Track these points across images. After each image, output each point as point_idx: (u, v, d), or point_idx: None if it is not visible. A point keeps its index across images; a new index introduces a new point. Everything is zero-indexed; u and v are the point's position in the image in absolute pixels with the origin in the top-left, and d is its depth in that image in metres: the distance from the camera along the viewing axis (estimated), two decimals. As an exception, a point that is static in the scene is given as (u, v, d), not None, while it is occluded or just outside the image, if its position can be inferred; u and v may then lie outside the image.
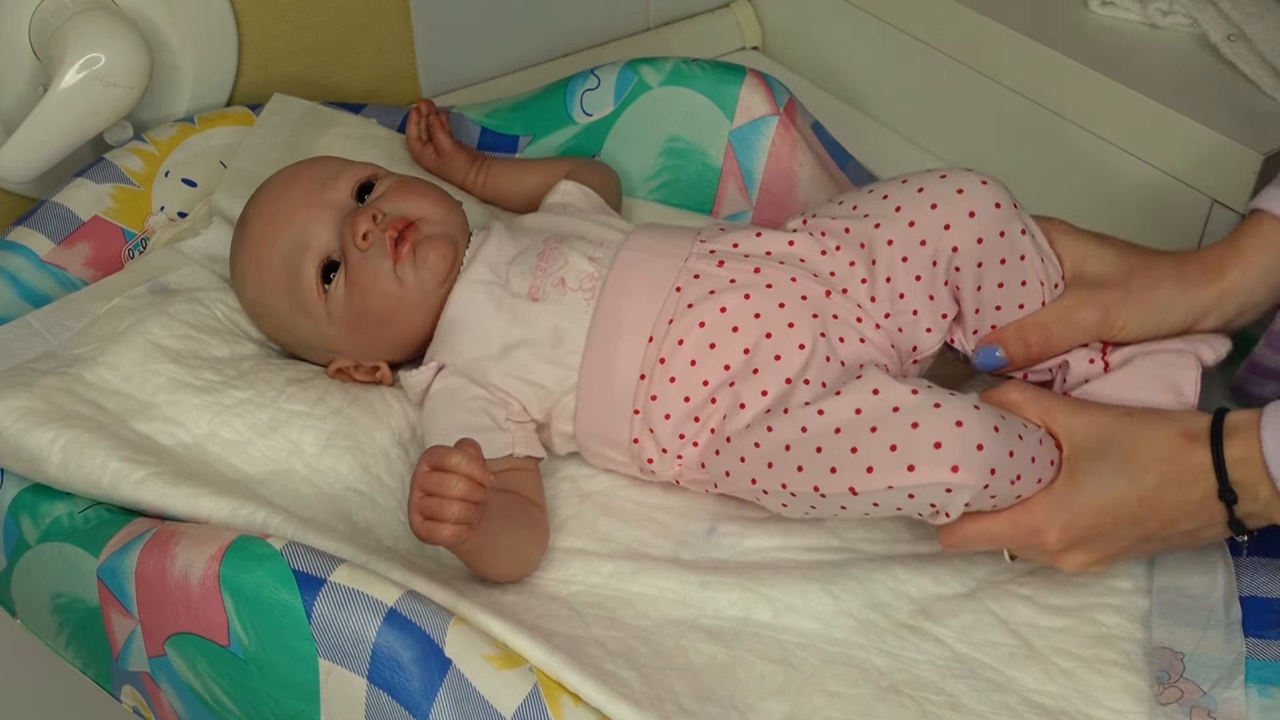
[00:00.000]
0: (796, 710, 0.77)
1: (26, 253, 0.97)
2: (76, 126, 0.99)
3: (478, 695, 0.70)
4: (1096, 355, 0.87)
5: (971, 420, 0.76)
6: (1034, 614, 0.83)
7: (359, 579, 0.72)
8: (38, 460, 0.81)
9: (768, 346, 0.84)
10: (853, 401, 0.79)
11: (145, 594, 0.76)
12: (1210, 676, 0.78)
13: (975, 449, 0.75)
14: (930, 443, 0.76)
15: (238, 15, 1.11)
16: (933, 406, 0.77)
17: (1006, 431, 0.77)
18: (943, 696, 0.79)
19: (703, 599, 0.84)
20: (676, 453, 0.87)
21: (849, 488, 0.79)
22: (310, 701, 0.73)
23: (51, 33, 0.99)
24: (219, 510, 0.79)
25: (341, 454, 0.88)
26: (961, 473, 0.75)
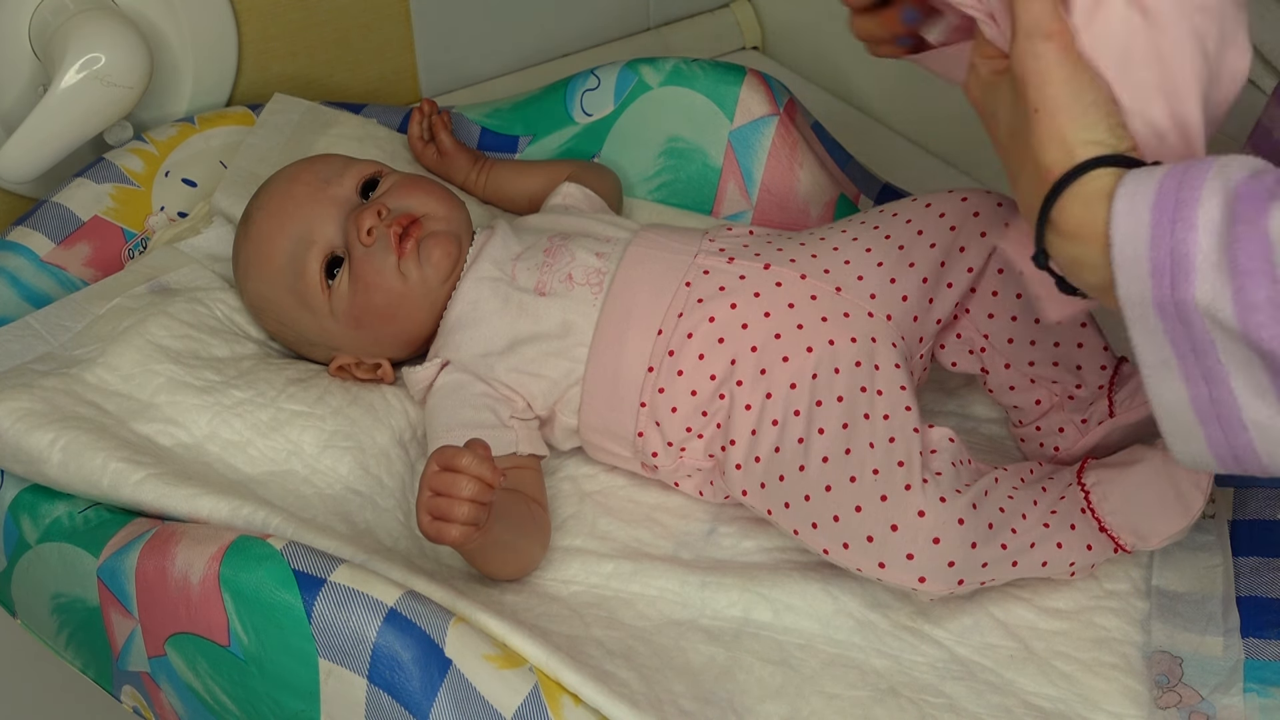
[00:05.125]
0: (795, 712, 0.77)
1: (26, 253, 0.97)
2: (76, 126, 0.99)
3: (478, 695, 0.70)
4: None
5: (950, 537, 0.78)
6: (1033, 616, 0.83)
7: (359, 579, 0.72)
8: (37, 461, 0.81)
9: (775, 348, 0.84)
10: (853, 467, 0.80)
11: (145, 594, 0.76)
12: (1209, 682, 0.77)
13: (946, 565, 0.78)
14: (903, 553, 0.78)
15: (238, 15, 1.11)
16: (916, 515, 0.78)
17: (989, 541, 0.79)
18: (941, 699, 0.79)
19: (702, 599, 0.84)
20: (680, 446, 0.87)
21: (823, 549, 0.81)
22: (310, 702, 0.73)
23: (51, 33, 0.99)
24: (218, 510, 0.79)
25: (342, 454, 0.88)
26: (928, 584, 0.78)
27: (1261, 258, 0.55)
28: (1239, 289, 0.55)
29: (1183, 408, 0.60)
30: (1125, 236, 0.58)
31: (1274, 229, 0.55)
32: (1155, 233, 0.57)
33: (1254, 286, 0.55)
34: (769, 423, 0.83)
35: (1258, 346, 0.55)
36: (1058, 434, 0.90)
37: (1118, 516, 0.82)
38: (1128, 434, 0.90)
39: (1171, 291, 0.57)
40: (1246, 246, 0.55)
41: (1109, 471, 0.83)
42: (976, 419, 0.98)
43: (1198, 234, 0.56)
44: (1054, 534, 0.81)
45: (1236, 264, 0.55)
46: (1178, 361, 0.59)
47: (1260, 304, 0.55)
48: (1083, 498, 0.83)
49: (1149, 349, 0.59)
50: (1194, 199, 0.57)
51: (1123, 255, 0.58)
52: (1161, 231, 0.57)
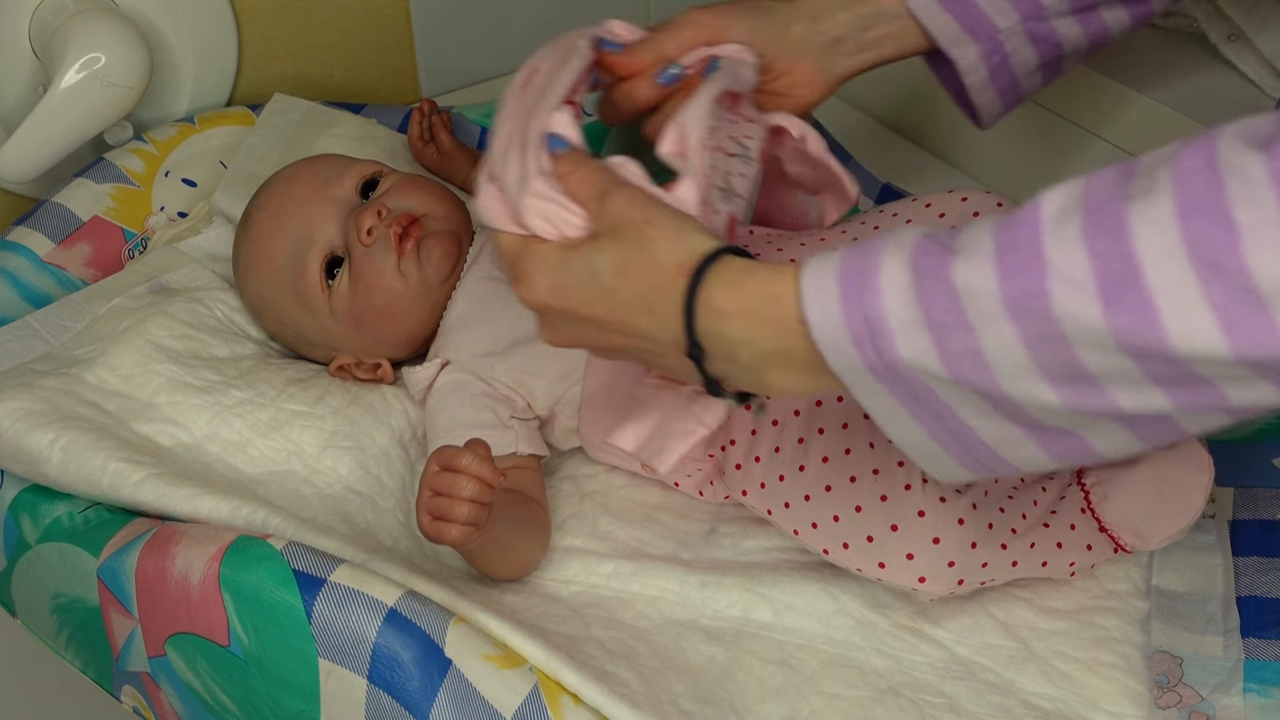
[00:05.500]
0: (795, 712, 0.77)
1: (27, 253, 0.97)
2: (76, 126, 0.99)
3: (478, 695, 0.70)
4: None
5: (950, 537, 0.78)
6: (1033, 616, 0.83)
7: (359, 579, 0.72)
8: (37, 461, 0.81)
9: None
10: (853, 467, 0.80)
11: (145, 594, 0.76)
12: (1209, 682, 0.77)
13: (946, 566, 0.78)
14: (903, 553, 0.78)
15: (238, 15, 1.11)
16: (917, 515, 0.78)
17: (989, 541, 0.79)
18: (941, 699, 0.79)
19: (702, 599, 0.84)
20: None
21: (823, 549, 0.81)
22: (310, 702, 0.73)
23: (51, 32, 0.98)
24: (218, 510, 0.79)
25: (342, 454, 0.88)
26: (928, 584, 0.78)
27: (953, 310, 0.57)
28: (938, 341, 0.57)
29: (923, 441, 0.62)
30: (819, 315, 0.60)
31: (959, 279, 0.56)
32: (846, 305, 0.59)
33: (952, 338, 0.57)
34: (769, 423, 0.83)
35: (971, 388, 0.58)
36: None
37: (1118, 516, 0.82)
38: None
39: (877, 355, 0.59)
40: (937, 300, 0.57)
41: (1109, 471, 0.83)
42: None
43: (884, 298, 0.58)
44: (1054, 534, 0.81)
45: (931, 318, 0.57)
46: (905, 409, 0.61)
47: (962, 353, 0.57)
48: (1082, 498, 0.83)
49: (875, 404, 0.61)
50: (875, 266, 0.59)
51: (822, 332, 0.60)
52: (851, 303, 0.59)
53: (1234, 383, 0.54)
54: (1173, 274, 0.52)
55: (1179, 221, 0.52)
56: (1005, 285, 0.55)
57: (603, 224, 0.68)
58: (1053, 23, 0.87)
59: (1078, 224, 0.54)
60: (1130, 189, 0.54)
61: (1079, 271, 0.54)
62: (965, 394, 0.58)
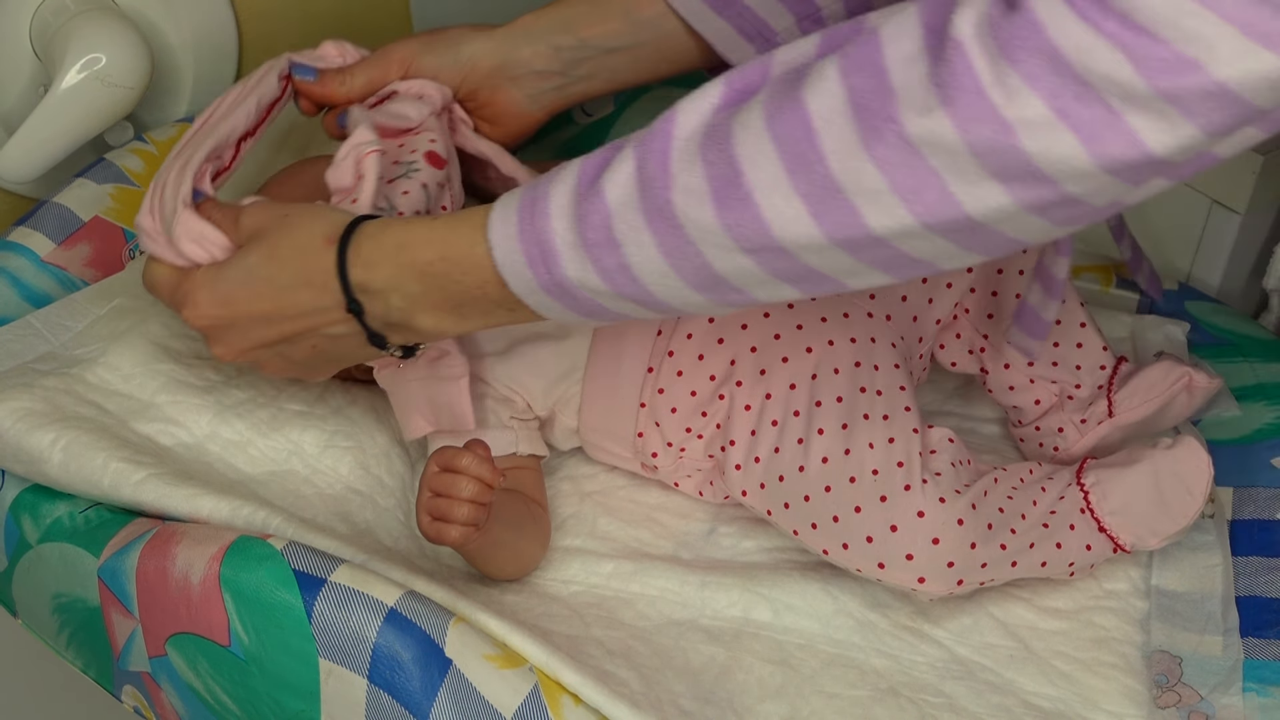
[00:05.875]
0: (795, 712, 0.77)
1: (27, 253, 0.97)
2: (77, 127, 0.99)
3: (478, 695, 0.70)
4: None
5: (949, 537, 0.78)
6: (1033, 616, 0.83)
7: (359, 579, 0.72)
8: (38, 461, 0.81)
9: (774, 348, 0.84)
10: (852, 467, 0.80)
11: (146, 594, 0.76)
12: (1208, 682, 0.78)
13: (945, 566, 0.78)
14: (903, 553, 0.78)
15: (238, 15, 1.11)
16: (916, 515, 0.78)
17: (988, 542, 0.79)
18: (941, 698, 0.79)
19: (702, 599, 0.84)
20: (680, 446, 0.87)
21: (822, 549, 0.81)
22: (310, 701, 0.73)
23: (52, 33, 0.98)
24: (219, 510, 0.79)
25: (342, 454, 0.88)
26: (928, 584, 0.78)
27: (603, 227, 0.63)
28: (596, 259, 0.63)
29: None
30: (500, 238, 0.66)
31: (611, 195, 0.62)
32: (522, 229, 0.65)
33: (606, 255, 0.63)
34: (768, 423, 0.83)
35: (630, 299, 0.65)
36: (1057, 434, 0.90)
37: (1117, 517, 0.82)
38: (1128, 434, 0.90)
39: (549, 275, 0.65)
40: (591, 220, 0.63)
41: (1108, 471, 0.83)
42: (976, 419, 0.99)
43: (551, 221, 0.64)
44: (1053, 534, 0.81)
45: (585, 238, 0.63)
46: (586, 318, 0.68)
47: (615, 268, 0.63)
48: (1082, 498, 0.83)
49: (557, 316, 0.68)
50: (547, 193, 0.65)
51: (503, 255, 0.66)
52: (526, 226, 0.65)
53: (844, 272, 0.60)
54: (767, 170, 0.58)
55: (767, 124, 0.58)
56: (642, 199, 0.61)
57: (244, 236, 0.75)
58: (828, 25, 0.87)
59: (698, 139, 0.60)
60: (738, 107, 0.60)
61: (696, 180, 0.60)
62: (629, 304, 0.65)
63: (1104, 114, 0.51)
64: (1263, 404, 0.92)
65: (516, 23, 0.89)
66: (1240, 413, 0.92)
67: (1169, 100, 0.50)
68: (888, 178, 0.56)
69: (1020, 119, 0.52)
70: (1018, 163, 0.53)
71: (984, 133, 0.53)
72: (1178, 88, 0.50)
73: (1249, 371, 0.95)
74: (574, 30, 0.88)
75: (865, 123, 0.56)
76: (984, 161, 0.54)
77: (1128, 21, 0.50)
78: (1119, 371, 0.90)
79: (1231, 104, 0.50)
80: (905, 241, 0.58)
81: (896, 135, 0.55)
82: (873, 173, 0.56)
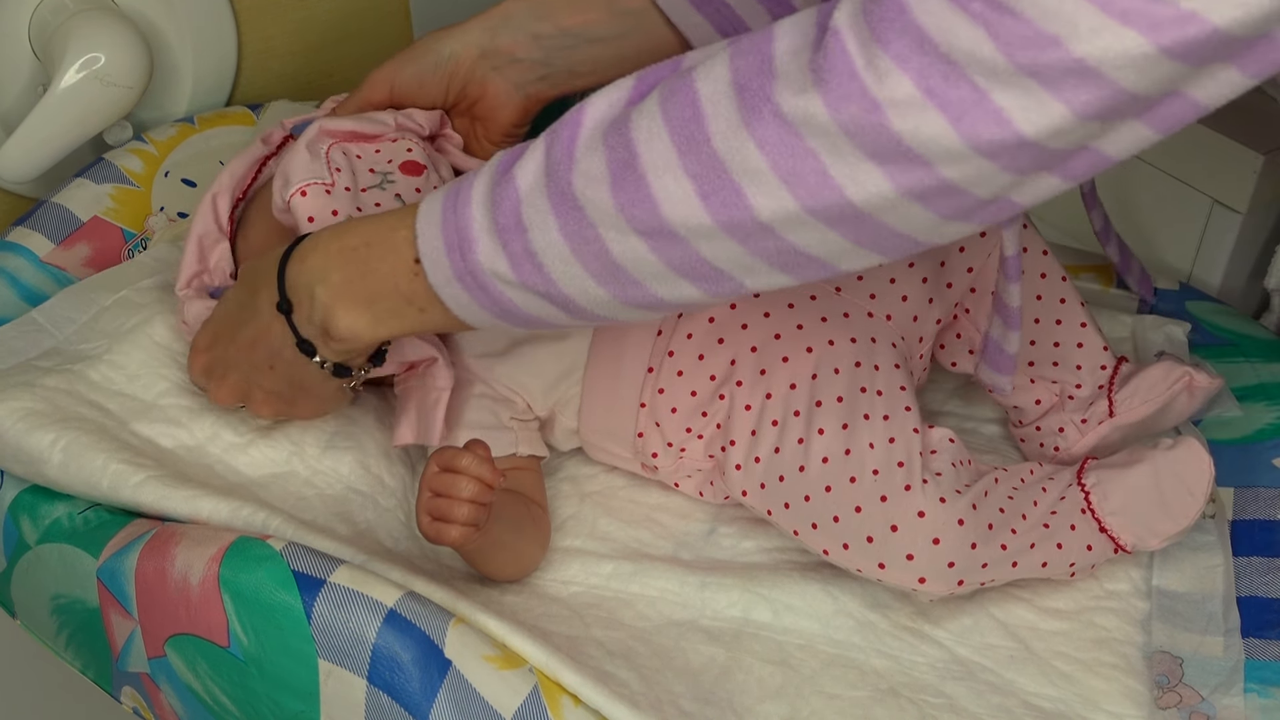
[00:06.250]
0: (795, 712, 0.77)
1: (26, 253, 0.96)
2: (76, 126, 0.99)
3: (477, 696, 0.70)
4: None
5: (950, 537, 0.78)
6: (1033, 617, 0.83)
7: (358, 580, 0.72)
8: (38, 462, 0.81)
9: (775, 348, 0.84)
10: (853, 467, 0.80)
11: (145, 595, 0.76)
12: (1209, 682, 0.77)
13: (946, 566, 0.78)
14: (903, 553, 0.78)
15: (238, 15, 1.11)
16: (916, 515, 0.78)
17: (989, 542, 0.79)
18: (941, 699, 0.79)
19: (702, 599, 0.84)
20: (680, 446, 0.87)
21: (823, 550, 0.81)
22: (310, 702, 0.73)
23: (51, 32, 0.98)
24: (218, 512, 0.79)
25: (342, 454, 0.88)
26: (928, 584, 0.78)
27: (513, 213, 0.64)
28: (505, 244, 0.64)
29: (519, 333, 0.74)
30: (424, 225, 0.67)
31: (521, 180, 0.64)
32: (444, 216, 0.67)
33: (514, 240, 0.64)
34: (769, 423, 0.83)
35: (535, 292, 0.66)
36: (1058, 434, 0.90)
37: (1118, 517, 0.82)
38: (1128, 434, 0.90)
39: (463, 262, 0.66)
40: (504, 205, 0.64)
41: (1109, 472, 0.83)
42: (976, 419, 0.98)
43: (472, 208, 0.65)
44: (1054, 534, 0.81)
45: (497, 223, 0.64)
46: (498, 319, 0.69)
47: (522, 254, 0.64)
48: (1083, 498, 0.82)
49: (468, 315, 0.69)
50: (470, 183, 0.66)
51: (424, 243, 0.67)
52: (448, 214, 0.66)
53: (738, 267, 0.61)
54: (659, 151, 0.59)
55: (660, 107, 0.59)
56: (548, 183, 0.63)
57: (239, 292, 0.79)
58: None
59: (603, 127, 0.62)
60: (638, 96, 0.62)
61: (597, 164, 0.61)
62: (535, 298, 0.66)
63: (970, 93, 0.52)
64: (1264, 404, 0.92)
65: (494, 10, 0.89)
66: (1241, 413, 0.92)
67: (1031, 75, 0.51)
68: (768, 157, 0.56)
69: (889, 99, 0.53)
70: (889, 142, 0.54)
71: (853, 111, 0.54)
72: (1038, 63, 0.50)
73: (1250, 371, 0.95)
74: (553, 18, 0.88)
75: (746, 102, 0.57)
76: (857, 142, 0.54)
77: (991, 1, 0.50)
78: (1119, 371, 0.90)
79: (1095, 82, 0.50)
80: (792, 231, 0.58)
81: (773, 114, 0.56)
82: (754, 152, 0.57)
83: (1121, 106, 0.52)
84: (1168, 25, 0.49)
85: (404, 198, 0.83)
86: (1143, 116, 0.53)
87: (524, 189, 0.64)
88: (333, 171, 0.82)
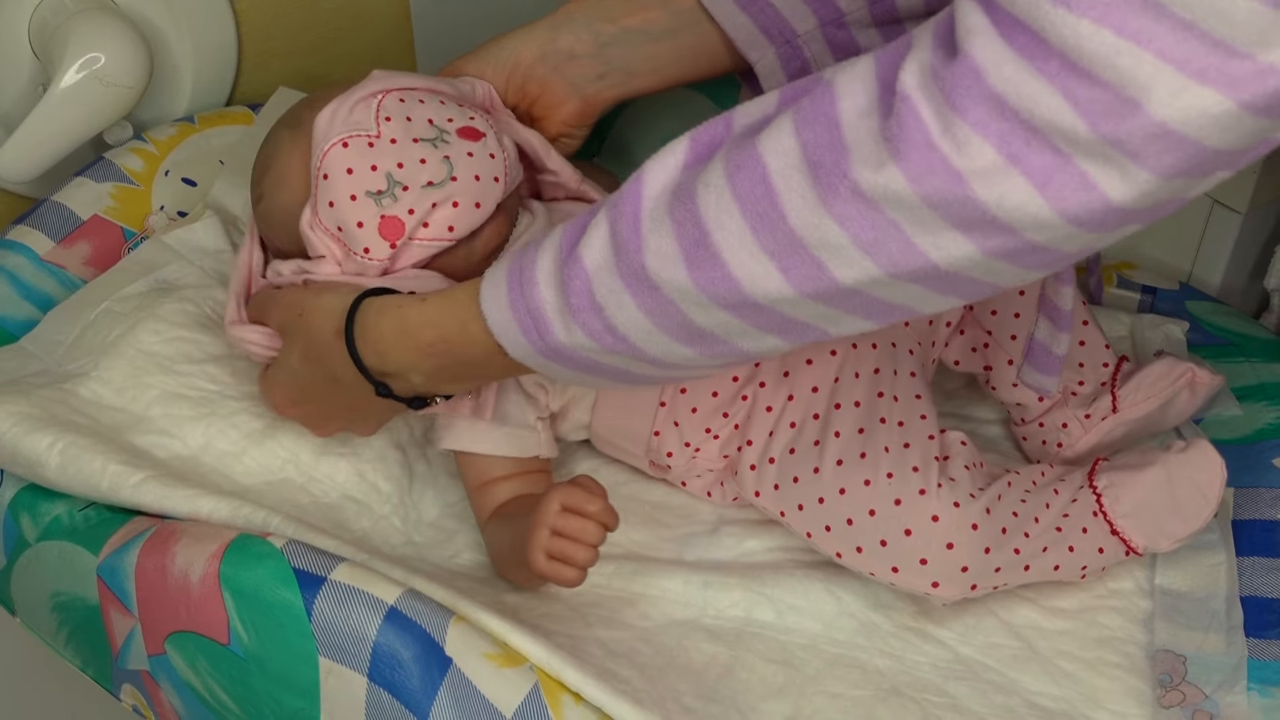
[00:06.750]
0: (798, 711, 0.77)
1: (26, 251, 0.96)
2: (76, 126, 0.99)
3: (478, 694, 0.69)
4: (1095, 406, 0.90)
5: (964, 542, 0.78)
6: (1037, 616, 0.83)
7: (359, 577, 0.72)
8: (36, 464, 0.81)
9: (800, 350, 0.84)
10: (867, 471, 0.80)
11: (145, 592, 0.76)
12: (1212, 680, 0.77)
13: (959, 570, 0.78)
14: (917, 558, 0.78)
15: (238, 15, 1.11)
16: (930, 520, 0.78)
17: (1002, 546, 0.79)
18: (944, 698, 0.79)
19: (705, 599, 0.83)
20: (696, 446, 0.87)
21: (835, 553, 0.81)
22: (310, 700, 0.72)
23: (51, 32, 0.98)
24: (219, 510, 0.79)
25: (338, 460, 0.88)
26: (942, 588, 0.78)
27: (584, 292, 0.64)
28: (583, 323, 0.65)
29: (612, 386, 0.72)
30: (493, 308, 0.68)
31: (589, 260, 0.63)
32: (512, 300, 0.67)
33: (590, 318, 0.64)
34: (787, 425, 0.83)
35: (622, 354, 0.66)
36: (1061, 430, 0.90)
37: (1130, 519, 0.82)
38: (1131, 430, 0.90)
39: (543, 341, 0.67)
40: (574, 284, 0.64)
41: (1121, 474, 0.83)
42: (977, 420, 0.98)
43: (540, 290, 0.66)
44: (1066, 537, 0.81)
45: (570, 303, 0.64)
46: (584, 375, 0.69)
47: (602, 330, 0.64)
48: (1094, 501, 0.82)
49: (559, 375, 0.70)
50: (534, 261, 0.66)
51: (497, 326, 0.68)
52: (516, 298, 0.67)
53: (823, 319, 0.61)
54: (732, 229, 0.58)
55: (728, 182, 0.58)
56: (618, 263, 0.62)
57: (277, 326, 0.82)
58: (853, 31, 0.88)
59: (666, 199, 0.61)
60: (703, 165, 0.61)
61: (667, 243, 0.60)
62: (623, 359, 0.66)
63: (1053, 158, 0.51)
64: (1264, 404, 0.92)
65: (559, 11, 0.90)
66: (1241, 412, 0.92)
67: (1114, 145, 0.50)
68: (849, 233, 0.56)
69: (971, 169, 0.52)
70: (975, 212, 0.53)
71: (936, 184, 0.53)
72: (1120, 132, 0.49)
73: (1250, 371, 0.95)
74: (614, 19, 0.89)
75: (821, 179, 0.56)
76: (942, 213, 0.53)
77: (1068, 61, 0.49)
78: (1121, 369, 0.90)
79: (1179, 144, 0.49)
80: (878, 289, 0.58)
81: (851, 191, 0.55)
82: (834, 228, 0.56)
83: (1207, 164, 0.51)
84: (1246, 81, 0.48)
85: (453, 160, 0.81)
86: (1229, 166, 0.52)
87: (593, 268, 0.63)
88: (379, 122, 0.80)
